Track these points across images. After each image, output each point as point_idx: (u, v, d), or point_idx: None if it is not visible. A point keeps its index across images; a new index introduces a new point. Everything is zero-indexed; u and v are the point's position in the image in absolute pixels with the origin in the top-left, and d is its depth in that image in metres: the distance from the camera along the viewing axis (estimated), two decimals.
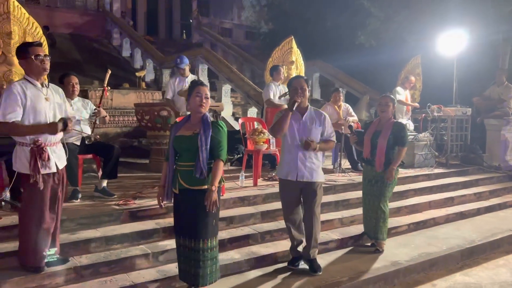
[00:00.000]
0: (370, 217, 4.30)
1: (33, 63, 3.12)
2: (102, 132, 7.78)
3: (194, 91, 3.06)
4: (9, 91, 3.03)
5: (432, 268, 4.14)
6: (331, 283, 3.51)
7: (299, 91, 3.55)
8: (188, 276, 3.05)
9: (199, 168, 2.96)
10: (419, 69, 8.83)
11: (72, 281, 3.20)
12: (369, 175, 4.32)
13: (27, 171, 3.04)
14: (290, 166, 3.64)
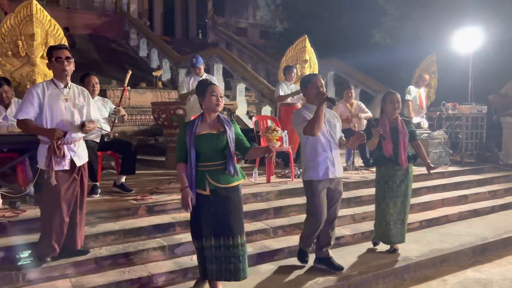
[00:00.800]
0: (397, 221, 4.07)
1: (54, 65, 3.30)
2: (120, 130, 7.97)
3: (208, 91, 3.07)
4: (29, 91, 3.26)
5: (443, 264, 4.17)
6: (342, 276, 3.59)
7: (321, 88, 3.55)
8: (226, 273, 3.03)
9: (232, 165, 3.03)
10: (434, 67, 8.81)
11: (93, 271, 3.36)
12: (391, 175, 4.07)
13: (43, 167, 3.22)
14: (326, 164, 3.54)
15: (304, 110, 3.65)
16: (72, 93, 3.39)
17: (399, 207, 4.07)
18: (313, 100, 3.59)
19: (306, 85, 3.62)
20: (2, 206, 3.94)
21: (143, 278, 3.33)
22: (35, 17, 5.04)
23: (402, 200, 4.09)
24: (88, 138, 4.67)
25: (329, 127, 3.60)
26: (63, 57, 3.28)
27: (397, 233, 4.09)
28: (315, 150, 3.54)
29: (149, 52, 14.49)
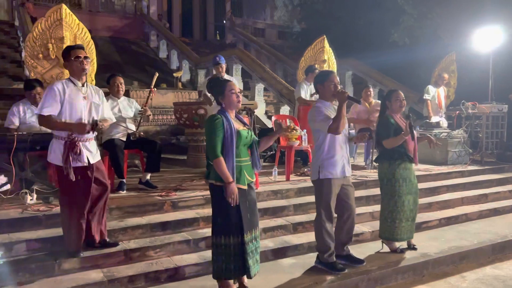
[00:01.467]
0: (409, 218, 4.09)
1: (73, 64, 3.41)
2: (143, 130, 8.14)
3: (227, 89, 3.07)
4: (50, 88, 3.36)
5: (462, 261, 4.22)
6: (361, 271, 3.68)
7: (338, 85, 3.59)
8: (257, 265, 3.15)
9: (258, 160, 3.18)
10: (454, 66, 8.78)
11: (123, 263, 3.53)
12: (409, 173, 4.08)
13: (60, 163, 3.34)
14: (343, 162, 3.58)
15: (322, 107, 3.61)
16: (89, 91, 3.51)
17: (412, 204, 4.11)
18: (329, 97, 3.61)
19: (323, 81, 3.61)
20: (36, 201, 4.15)
21: (170, 269, 3.49)
22: (64, 21, 5.27)
23: (414, 198, 4.15)
24: (115, 137, 4.87)
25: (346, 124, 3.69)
26: (81, 56, 3.40)
27: (407, 229, 4.12)
28: (333, 148, 3.55)
29: (169, 53, 14.74)
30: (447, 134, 7.39)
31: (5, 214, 3.75)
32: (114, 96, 5.06)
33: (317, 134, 3.65)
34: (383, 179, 4.16)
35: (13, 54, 11.80)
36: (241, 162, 3.09)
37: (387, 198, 4.14)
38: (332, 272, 3.59)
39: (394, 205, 4.08)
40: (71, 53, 3.41)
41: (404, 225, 4.09)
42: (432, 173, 6.39)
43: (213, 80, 3.33)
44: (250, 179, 3.16)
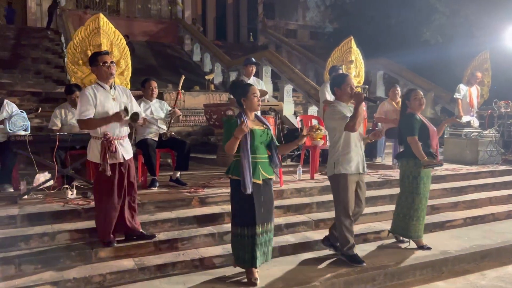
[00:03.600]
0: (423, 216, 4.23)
1: (101, 69, 3.69)
2: (176, 130, 8.51)
3: (250, 92, 3.37)
4: (83, 94, 3.66)
5: (483, 259, 4.23)
6: (379, 266, 3.79)
7: (354, 88, 3.78)
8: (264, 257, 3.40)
9: (278, 158, 3.43)
10: (488, 64, 8.59)
11: (153, 253, 3.81)
12: (429, 170, 4.19)
13: (97, 161, 3.64)
14: (358, 159, 3.75)
15: (338, 106, 3.80)
16: (118, 93, 3.80)
17: (424, 203, 4.23)
18: (346, 99, 3.81)
19: (340, 85, 3.82)
20: (76, 196, 4.52)
21: (195, 260, 3.73)
22: (102, 29, 5.61)
23: (427, 196, 4.25)
24: (148, 137, 5.20)
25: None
26: (108, 61, 3.69)
27: (420, 228, 4.23)
28: (349, 145, 3.71)
29: (202, 56, 15.17)
30: (478, 133, 7.28)
31: (49, 207, 4.13)
32: (146, 99, 5.39)
33: (333, 132, 3.84)
34: (408, 176, 4.20)
35: (57, 60, 12.57)
36: (257, 159, 3.34)
37: (406, 195, 4.23)
38: (352, 264, 3.74)
39: (412, 202, 4.17)
40: (98, 59, 3.69)
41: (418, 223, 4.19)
42: (460, 172, 6.34)
43: (236, 82, 3.59)
44: (266, 175, 3.38)
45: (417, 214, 4.14)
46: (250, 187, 3.24)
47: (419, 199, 4.13)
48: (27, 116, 4.86)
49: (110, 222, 3.71)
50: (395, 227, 4.33)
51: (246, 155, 3.28)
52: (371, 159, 7.48)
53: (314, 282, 3.48)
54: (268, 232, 3.42)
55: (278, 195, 4.97)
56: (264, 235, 3.39)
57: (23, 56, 12.32)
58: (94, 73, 3.80)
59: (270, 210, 3.44)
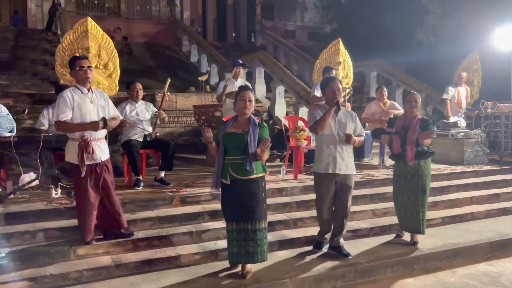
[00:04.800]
0: (412, 213, 4.34)
1: (78, 73, 3.81)
2: (168, 131, 8.69)
3: (239, 95, 3.57)
4: (61, 97, 3.76)
5: (456, 257, 4.32)
6: (350, 263, 3.89)
7: (337, 92, 3.91)
8: (245, 256, 3.49)
9: (249, 162, 3.47)
10: (478, 65, 8.67)
11: (131, 251, 3.93)
12: (403, 171, 4.37)
13: (75, 162, 3.76)
14: (329, 160, 3.94)
15: (318, 110, 4.02)
16: (95, 96, 3.90)
17: (413, 200, 4.32)
18: (329, 102, 3.97)
19: (324, 88, 4.02)
20: (60, 196, 4.65)
21: (171, 257, 3.85)
22: (90, 32, 5.75)
23: (415, 194, 4.32)
24: (132, 138, 5.32)
25: (339, 126, 3.95)
26: (85, 66, 3.80)
27: (406, 221, 4.40)
28: (320, 146, 4.00)
29: (199, 57, 15.29)
30: (464, 134, 7.36)
31: (32, 206, 4.28)
32: (132, 100, 5.51)
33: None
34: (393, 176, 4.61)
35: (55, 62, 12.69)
36: (229, 160, 3.50)
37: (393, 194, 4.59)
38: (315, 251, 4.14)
39: (395, 199, 4.55)
40: (76, 63, 3.81)
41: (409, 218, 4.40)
42: (444, 172, 6.43)
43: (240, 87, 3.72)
44: (238, 176, 3.48)
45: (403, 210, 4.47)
46: (217, 185, 3.55)
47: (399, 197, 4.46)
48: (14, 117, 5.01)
49: (89, 221, 3.83)
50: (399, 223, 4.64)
51: (218, 157, 3.57)
52: (358, 159, 7.59)
53: (284, 279, 3.59)
54: (246, 231, 3.47)
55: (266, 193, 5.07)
56: (241, 234, 3.48)
57: (21, 58, 12.50)
58: (73, 76, 3.92)
59: (249, 210, 3.48)
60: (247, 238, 3.49)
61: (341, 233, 4.07)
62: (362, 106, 10.20)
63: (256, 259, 3.54)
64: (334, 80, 4.07)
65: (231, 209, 3.53)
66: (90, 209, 3.81)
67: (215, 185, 3.59)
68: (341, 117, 4.00)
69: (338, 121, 3.96)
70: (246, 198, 3.50)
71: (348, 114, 4.07)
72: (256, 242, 3.51)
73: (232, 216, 3.53)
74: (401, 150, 4.34)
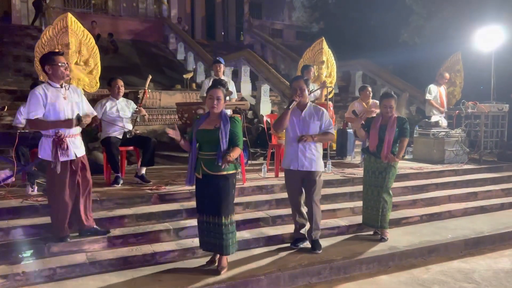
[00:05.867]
0: (372, 207, 4.52)
1: (58, 69, 3.74)
2: (151, 129, 8.64)
3: (208, 94, 3.65)
4: (32, 94, 3.67)
5: (431, 254, 4.38)
6: (325, 260, 3.91)
7: (298, 91, 3.98)
8: (212, 246, 3.63)
9: (220, 157, 3.49)
10: (460, 65, 8.79)
11: (106, 248, 3.91)
12: (373, 166, 4.55)
13: (49, 158, 3.70)
14: (292, 157, 4.10)
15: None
16: (69, 92, 3.83)
17: (375, 195, 4.50)
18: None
19: (290, 85, 4.18)
20: (37, 193, 4.60)
21: (147, 255, 3.84)
22: (70, 28, 5.69)
23: (378, 190, 4.49)
24: (112, 135, 5.29)
25: (302, 124, 4.06)
26: (65, 63, 3.78)
27: (372, 218, 4.55)
28: (286, 144, 4.23)
29: (186, 55, 15.24)
30: (445, 133, 7.45)
31: (7, 203, 4.22)
32: (113, 97, 5.47)
33: None
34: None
35: None
36: (201, 155, 3.60)
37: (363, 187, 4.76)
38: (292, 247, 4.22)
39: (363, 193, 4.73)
40: (55, 59, 3.74)
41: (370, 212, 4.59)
42: (424, 171, 6.50)
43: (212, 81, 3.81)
44: (209, 171, 3.54)
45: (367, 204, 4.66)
46: (190, 181, 3.67)
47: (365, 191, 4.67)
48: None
49: (63, 218, 3.79)
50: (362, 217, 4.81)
51: (191, 152, 3.66)
52: (341, 158, 7.65)
53: (259, 276, 3.60)
54: (213, 224, 3.56)
55: (239, 192, 5.09)
56: (209, 225, 3.59)
57: (4, 54, 12.31)
58: (47, 72, 3.78)
59: (216, 204, 3.55)
60: (214, 231, 3.59)
61: (313, 228, 4.13)
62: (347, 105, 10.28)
63: (222, 252, 3.61)
64: (296, 80, 4.16)
65: (200, 202, 3.66)
66: (63, 206, 3.77)
67: (189, 181, 3.67)
68: (305, 115, 4.08)
69: (302, 120, 4.08)
70: (214, 193, 3.57)
71: (314, 112, 4.12)
72: (222, 235, 3.57)
73: (200, 208, 3.65)
74: (376, 148, 4.41)
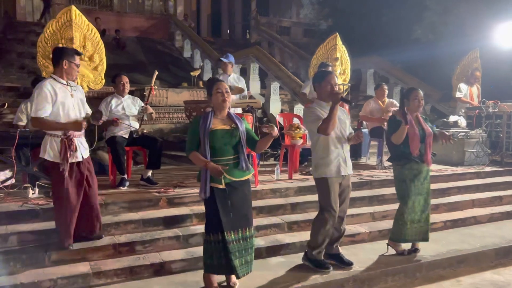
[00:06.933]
0: (419, 220, 3.98)
1: (74, 69, 3.55)
2: (158, 128, 8.37)
3: (214, 89, 3.17)
4: (41, 90, 3.38)
5: (460, 264, 4.06)
6: (348, 271, 3.61)
7: (334, 87, 3.57)
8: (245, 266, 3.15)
9: (245, 160, 3.15)
10: (478, 63, 8.46)
11: (111, 256, 3.62)
12: (419, 173, 3.95)
13: (56, 160, 3.44)
14: (339, 161, 3.55)
15: (316, 107, 3.63)
16: (74, 89, 3.60)
17: (422, 205, 3.99)
18: (325, 97, 3.60)
19: (320, 81, 3.60)
20: (38, 195, 4.33)
21: (155, 264, 3.55)
22: (74, 22, 5.42)
23: (425, 198, 4.02)
24: (118, 134, 5.00)
25: (340, 124, 3.61)
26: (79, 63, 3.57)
27: (415, 231, 3.99)
28: (327, 147, 3.54)
29: (193, 52, 14.97)
30: (464, 133, 7.12)
31: (5, 207, 3.94)
32: (118, 95, 5.19)
33: (311, 134, 3.67)
34: (395, 180, 4.09)
35: None
36: (220, 161, 3.09)
37: (399, 199, 4.06)
38: (318, 270, 3.56)
39: (404, 206, 3.97)
40: (76, 58, 3.53)
41: (411, 226, 3.97)
42: (444, 174, 6.18)
43: (209, 80, 3.36)
44: (233, 178, 3.13)
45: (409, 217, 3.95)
46: (206, 192, 3.06)
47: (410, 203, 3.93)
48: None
49: (70, 224, 3.51)
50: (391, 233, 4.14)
51: (206, 158, 3.08)
52: (355, 159, 7.32)
53: None
54: (246, 239, 3.17)
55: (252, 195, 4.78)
56: (241, 242, 3.14)
57: (8, 51, 12.10)
58: (63, 66, 3.50)
59: (245, 215, 3.18)
60: (246, 247, 3.17)
61: (340, 239, 3.78)
62: (359, 104, 9.96)
63: (250, 269, 3.24)
64: (331, 73, 3.70)
65: (228, 217, 3.07)
66: (70, 211, 3.49)
67: (204, 192, 3.08)
68: (339, 114, 3.67)
69: (338, 119, 3.57)
70: (241, 202, 3.18)
71: (341, 111, 3.73)
72: (252, 249, 3.23)
73: (231, 225, 3.08)
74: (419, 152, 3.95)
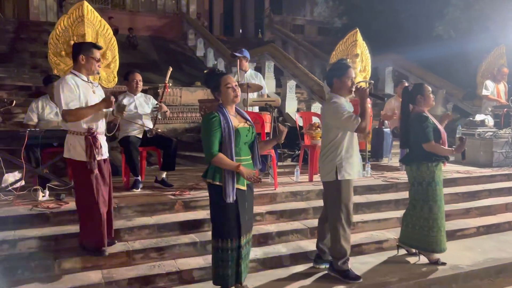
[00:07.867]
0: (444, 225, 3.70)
1: (93, 64, 3.37)
2: (171, 127, 8.16)
3: (222, 84, 2.88)
4: (65, 83, 3.25)
5: (499, 275, 3.76)
6: (378, 282, 3.34)
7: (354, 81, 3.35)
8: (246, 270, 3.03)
9: (259, 159, 3.01)
10: (504, 60, 8.10)
11: (124, 264, 3.40)
12: (441, 175, 3.69)
13: (82, 158, 3.25)
14: (359, 162, 3.40)
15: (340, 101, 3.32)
16: (96, 86, 3.48)
17: (442, 211, 3.68)
18: (344, 92, 3.35)
19: (340, 76, 3.32)
20: (48, 198, 4.13)
21: (171, 273, 3.32)
22: (86, 18, 5.22)
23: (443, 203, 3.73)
24: (131, 134, 4.80)
25: None
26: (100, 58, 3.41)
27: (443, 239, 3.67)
28: (352, 147, 3.32)
29: (206, 51, 14.78)
30: (492, 133, 6.78)
31: (14, 210, 3.74)
32: (131, 93, 4.99)
33: (335, 132, 3.33)
34: (420, 182, 3.68)
35: None
36: (242, 162, 2.87)
37: (421, 204, 3.68)
38: (345, 281, 3.30)
39: (429, 211, 3.63)
40: (94, 52, 3.36)
41: (439, 234, 3.65)
42: (473, 175, 5.85)
43: (208, 73, 3.04)
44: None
45: (438, 224, 3.62)
46: (233, 194, 2.81)
47: (437, 207, 3.61)
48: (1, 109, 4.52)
49: (103, 226, 3.29)
50: (406, 238, 3.82)
51: (230, 158, 2.83)
52: (376, 159, 7.02)
53: None
54: (249, 242, 3.05)
55: (271, 199, 4.56)
56: (247, 246, 2.99)
57: (21, 50, 12.05)
58: (80, 61, 3.35)
59: (252, 217, 3.07)
60: (249, 250, 3.06)
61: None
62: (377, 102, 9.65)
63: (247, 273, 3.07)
64: (351, 67, 3.37)
65: (244, 220, 2.88)
66: (101, 211, 3.27)
67: (229, 194, 2.81)
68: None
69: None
70: (252, 203, 3.09)
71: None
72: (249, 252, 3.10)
73: (245, 228, 2.91)
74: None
